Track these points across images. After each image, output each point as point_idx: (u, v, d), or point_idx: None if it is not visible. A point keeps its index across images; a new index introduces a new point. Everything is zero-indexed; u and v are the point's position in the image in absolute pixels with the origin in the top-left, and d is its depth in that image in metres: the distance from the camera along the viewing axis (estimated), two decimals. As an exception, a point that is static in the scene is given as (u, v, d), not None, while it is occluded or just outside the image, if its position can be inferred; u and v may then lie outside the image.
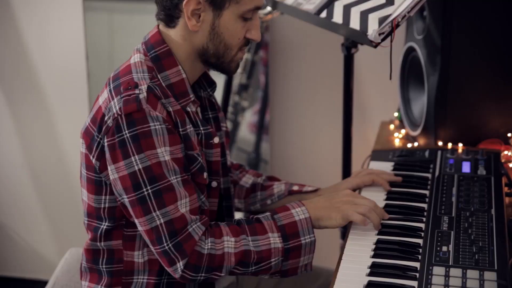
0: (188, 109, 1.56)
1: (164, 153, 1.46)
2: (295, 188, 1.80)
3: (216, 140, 1.59)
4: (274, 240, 1.50)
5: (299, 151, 2.82)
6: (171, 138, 1.48)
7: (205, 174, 1.56)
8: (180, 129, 1.51)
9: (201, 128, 1.57)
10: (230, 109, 2.74)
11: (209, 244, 1.48)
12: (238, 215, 2.70)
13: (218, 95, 2.40)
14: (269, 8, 2.24)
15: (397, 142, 2.20)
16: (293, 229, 1.51)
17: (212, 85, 1.70)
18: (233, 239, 1.49)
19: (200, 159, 1.54)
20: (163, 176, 1.46)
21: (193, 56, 1.58)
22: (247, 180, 1.86)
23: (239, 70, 2.74)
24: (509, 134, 2.04)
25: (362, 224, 1.54)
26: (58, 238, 3.06)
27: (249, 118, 2.80)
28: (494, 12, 1.95)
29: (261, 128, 2.77)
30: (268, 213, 1.54)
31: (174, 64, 1.56)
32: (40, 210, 3.01)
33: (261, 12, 2.25)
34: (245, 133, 2.81)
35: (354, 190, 1.75)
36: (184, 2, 1.51)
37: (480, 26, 1.96)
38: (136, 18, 2.62)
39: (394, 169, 1.87)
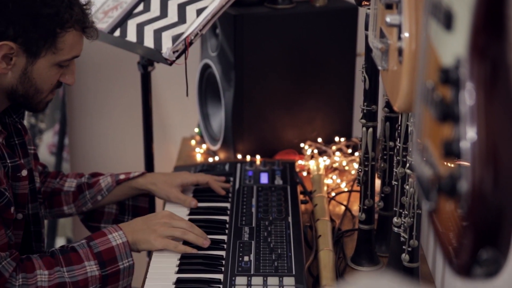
0: None
1: None
2: (122, 177, 1.78)
3: (24, 173, 1.53)
4: (91, 268, 1.46)
5: (101, 170, 2.77)
6: None
7: (12, 209, 1.49)
8: None
9: (8, 161, 1.50)
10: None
11: (20, 280, 1.41)
12: (68, 220, 2.63)
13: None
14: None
15: (198, 157, 2.24)
16: (110, 255, 1.49)
17: (19, 111, 1.62)
18: (46, 272, 1.44)
19: (7, 193, 1.47)
20: None
21: None
22: (71, 184, 1.81)
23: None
24: (302, 145, 2.15)
25: (182, 252, 1.54)
26: None
27: (48, 139, 2.71)
28: (282, 27, 2.05)
29: (61, 148, 2.69)
30: (84, 240, 1.51)
31: None
32: None
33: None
34: (45, 155, 2.71)
35: (182, 190, 1.79)
36: None
37: (270, 42, 2.05)
38: None
39: (196, 184, 1.89)
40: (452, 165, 0.70)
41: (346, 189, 1.98)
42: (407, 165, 1.39)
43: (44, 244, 1.72)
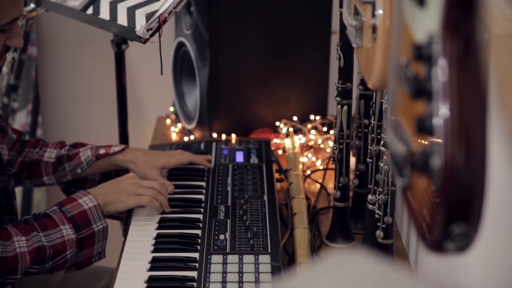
0: None
1: None
2: (102, 151, 1.76)
3: None
4: (67, 232, 1.46)
5: (76, 151, 2.76)
6: None
7: None
8: None
9: None
10: (-2, 111, 2.60)
11: None
12: (42, 198, 2.59)
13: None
14: (32, 5, 2.15)
15: (174, 136, 2.23)
16: (84, 218, 1.48)
17: None
18: (23, 238, 1.43)
19: None
20: None
21: None
22: (50, 154, 1.78)
23: (7, 70, 2.61)
24: (277, 123, 2.15)
25: (156, 209, 1.58)
26: None
27: (22, 119, 2.68)
28: (257, 5, 2.04)
29: (34, 128, 2.67)
30: (55, 207, 1.50)
31: None
32: None
33: (25, 9, 2.15)
34: (18, 135, 2.68)
35: (168, 169, 1.79)
36: None
37: (245, 20, 2.04)
38: None
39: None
40: (425, 142, 0.70)
41: (321, 167, 1.99)
42: (382, 142, 1.40)
43: (18, 216, 1.70)
